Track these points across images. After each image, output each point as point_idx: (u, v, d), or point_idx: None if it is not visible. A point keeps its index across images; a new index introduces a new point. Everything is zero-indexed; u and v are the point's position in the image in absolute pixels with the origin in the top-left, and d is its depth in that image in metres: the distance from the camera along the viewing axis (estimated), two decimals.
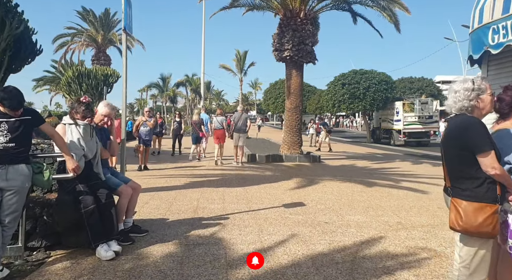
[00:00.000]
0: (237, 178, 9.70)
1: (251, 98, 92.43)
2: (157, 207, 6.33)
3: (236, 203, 6.69)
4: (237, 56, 27.83)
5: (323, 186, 8.66)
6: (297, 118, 14.04)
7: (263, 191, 7.95)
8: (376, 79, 28.61)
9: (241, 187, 8.32)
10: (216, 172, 10.82)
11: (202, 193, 7.61)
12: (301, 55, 13.64)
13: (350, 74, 29.40)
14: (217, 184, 8.75)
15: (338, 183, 9.20)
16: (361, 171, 11.68)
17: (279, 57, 13.99)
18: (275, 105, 48.09)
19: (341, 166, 12.92)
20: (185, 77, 60.39)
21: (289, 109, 14.09)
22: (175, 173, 10.44)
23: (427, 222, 5.65)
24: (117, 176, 4.61)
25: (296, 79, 13.88)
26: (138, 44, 31.59)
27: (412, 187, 8.80)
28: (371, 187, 8.69)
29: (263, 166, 12.28)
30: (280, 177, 9.95)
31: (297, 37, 13.59)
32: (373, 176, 10.65)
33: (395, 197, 7.59)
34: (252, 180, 9.42)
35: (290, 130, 14.03)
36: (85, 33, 28.89)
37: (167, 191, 7.71)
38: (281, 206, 6.53)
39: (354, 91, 28.44)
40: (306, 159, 13.61)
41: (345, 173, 11.01)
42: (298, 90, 13.95)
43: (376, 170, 12.20)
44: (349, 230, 5.15)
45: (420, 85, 39.06)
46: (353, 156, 17.11)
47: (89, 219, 3.87)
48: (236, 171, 10.96)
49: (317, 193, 7.81)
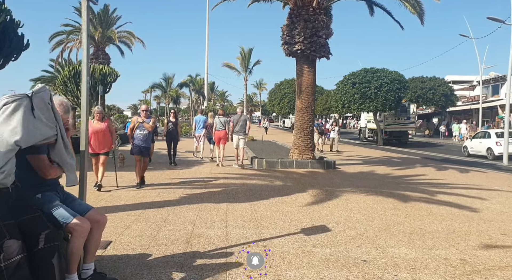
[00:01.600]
0: (242, 189, 8.26)
1: (256, 99, 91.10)
2: (140, 233, 4.90)
3: (242, 227, 5.25)
4: (242, 54, 26.43)
5: (346, 201, 7.20)
6: (309, 119, 12.58)
7: (274, 208, 6.50)
8: (388, 78, 27.10)
9: (247, 203, 6.87)
10: (218, 181, 9.39)
11: (200, 210, 6.18)
12: (313, 48, 12.19)
13: (360, 73, 27.90)
14: (219, 197, 7.32)
15: (363, 196, 7.74)
16: (384, 180, 10.20)
17: (289, 51, 12.55)
18: (281, 106, 46.63)
19: (359, 173, 11.45)
20: (189, 77, 59.13)
21: (300, 109, 12.63)
22: (171, 182, 9.02)
23: (502, 260, 4.18)
24: (71, 204, 3.18)
25: (308, 75, 12.43)
26: (138, 42, 30.26)
27: (453, 201, 7.33)
28: (405, 202, 7.22)
29: (272, 173, 10.84)
30: (293, 188, 8.50)
31: (309, 29, 12.15)
32: (400, 186, 9.18)
33: (438, 216, 6.12)
34: (260, 192, 7.98)
35: (301, 133, 12.57)
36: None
37: (158, 208, 6.28)
38: (299, 232, 5.09)
39: (365, 91, 26.94)
40: (319, 165, 12.15)
41: (367, 183, 9.54)
42: (310, 88, 12.50)
43: (400, 178, 10.72)
44: (401, 276, 3.69)
45: (432, 85, 37.50)
46: (369, 161, 15.64)
47: (12, 277, 2.45)
48: (241, 180, 9.52)
49: (341, 211, 6.35)
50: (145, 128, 8.29)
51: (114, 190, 7.82)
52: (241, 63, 26.63)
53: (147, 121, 8.41)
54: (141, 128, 8.29)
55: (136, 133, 8.32)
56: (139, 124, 8.34)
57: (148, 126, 8.35)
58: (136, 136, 8.31)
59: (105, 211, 5.97)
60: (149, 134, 8.41)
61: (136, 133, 8.33)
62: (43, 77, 36.26)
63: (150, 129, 8.41)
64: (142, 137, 8.28)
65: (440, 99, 37.18)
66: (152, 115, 9.57)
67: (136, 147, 8.35)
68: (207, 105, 44.59)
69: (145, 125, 8.30)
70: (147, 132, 8.32)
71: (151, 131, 8.59)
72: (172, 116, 12.85)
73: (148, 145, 8.48)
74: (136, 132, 8.33)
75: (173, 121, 12.58)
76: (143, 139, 8.31)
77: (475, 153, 19.95)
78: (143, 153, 8.39)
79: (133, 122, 8.62)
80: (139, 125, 8.33)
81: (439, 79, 38.46)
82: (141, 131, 8.28)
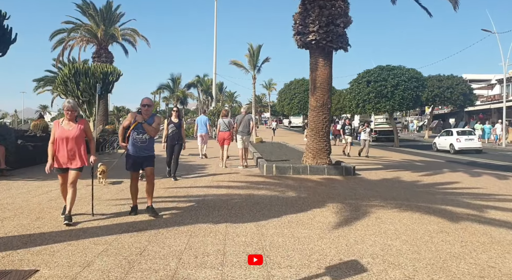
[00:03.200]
0: (248, 203, 6.83)
1: (265, 100, 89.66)
2: (103, 276, 3.51)
3: (243, 266, 3.82)
4: (250, 51, 25.01)
5: (377, 220, 5.73)
6: (325, 119, 11.10)
7: (287, 231, 5.07)
8: (405, 76, 25.52)
9: (253, 223, 5.45)
10: (220, 191, 7.98)
11: (191, 236, 4.78)
12: (330, 39, 10.73)
13: (376, 71, 26.34)
14: (218, 215, 5.90)
15: (396, 212, 6.26)
16: (414, 189, 8.70)
17: (302, 42, 11.10)
18: (290, 106, 45.24)
19: (383, 181, 9.95)
20: (196, 77, 58.09)
21: (314, 107, 11.17)
22: (163, 194, 7.62)
23: None
24: None
25: (324, 70, 10.96)
26: (143, 40, 29.00)
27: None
28: (451, 221, 5.73)
29: (283, 181, 9.40)
30: (309, 201, 7.05)
31: (325, 16, 10.69)
32: (436, 198, 7.68)
33: (506, 245, 4.63)
34: (269, 206, 6.55)
35: (315, 135, 11.10)
36: (82, 27, 26.33)
37: (138, 233, 4.89)
38: (324, 273, 3.65)
39: (380, 90, 25.39)
40: (336, 171, 10.68)
41: (396, 193, 8.05)
42: (326, 84, 11.02)
43: (432, 186, 9.21)
44: None
45: (449, 83, 35.65)
46: (390, 165, 14.12)
47: None
48: (247, 190, 8.10)
49: (374, 236, 4.90)
50: (146, 132, 5.73)
51: (88, 220, 5.39)
52: (249, 61, 25.20)
53: (149, 121, 5.75)
54: (140, 131, 5.73)
55: (133, 138, 5.75)
56: (138, 125, 5.73)
57: (151, 129, 5.71)
58: (132, 141, 5.75)
59: (67, 236, 4.60)
60: (151, 140, 5.87)
61: (132, 137, 5.76)
62: (46, 77, 35.42)
63: (153, 133, 5.80)
64: (140, 143, 5.74)
65: (458, 99, 35.32)
66: (158, 114, 6.36)
67: (131, 157, 5.76)
68: (215, 106, 43.35)
69: (146, 127, 5.67)
70: (148, 137, 5.78)
71: (155, 136, 5.93)
72: (174, 116, 9.71)
73: (150, 153, 5.85)
74: (133, 136, 5.75)
75: (176, 122, 9.60)
76: (143, 146, 5.75)
77: (442, 148, 23.37)
78: (143, 165, 5.82)
79: (129, 119, 5.85)
80: (137, 126, 5.73)
81: (457, 78, 36.58)
82: (140, 135, 5.74)
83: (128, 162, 5.83)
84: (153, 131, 5.76)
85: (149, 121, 5.74)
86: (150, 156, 5.85)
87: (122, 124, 6.13)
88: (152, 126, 5.74)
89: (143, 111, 5.77)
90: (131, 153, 5.76)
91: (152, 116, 5.82)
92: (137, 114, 5.77)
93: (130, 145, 5.77)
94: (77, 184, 5.45)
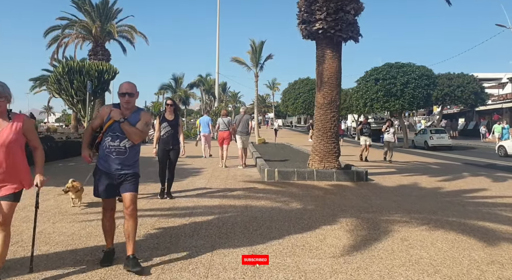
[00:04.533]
0: (243, 218, 5.66)
1: (269, 100, 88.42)
2: None
3: None
4: (252, 48, 23.86)
5: (404, 243, 4.53)
6: (333, 117, 9.91)
7: (290, 261, 3.89)
8: (415, 74, 24.25)
9: (246, 247, 4.28)
10: (212, 201, 6.82)
11: (162, 271, 3.62)
12: (339, 27, 9.54)
13: (384, 68, 25.09)
14: (204, 234, 4.74)
15: (425, 231, 5.06)
16: (439, 198, 7.50)
17: (307, 32, 9.92)
18: (295, 106, 44.03)
19: (400, 188, 8.75)
20: (199, 77, 57.02)
21: (321, 105, 9.98)
22: (144, 205, 6.46)
23: None
24: None
25: (332, 62, 9.78)
26: (141, 36, 27.86)
27: None
28: (500, 245, 4.52)
29: (286, 189, 8.23)
30: (317, 216, 5.87)
31: (333, 2, 9.51)
32: (468, 210, 6.48)
33: None
34: (268, 222, 5.38)
35: (323, 135, 9.91)
36: (77, 24, 25.27)
37: (83, 275, 3.72)
38: None
39: (389, 88, 24.15)
40: (346, 176, 9.48)
41: (419, 204, 6.85)
42: (335, 78, 9.83)
43: (458, 195, 8.00)
44: None
45: (460, 82, 34.22)
46: (403, 168, 12.92)
47: None
48: (244, 200, 6.93)
49: (405, 270, 3.71)
50: (126, 136, 3.62)
51: None
52: (252, 58, 24.05)
53: (133, 120, 3.67)
54: (117, 135, 3.63)
55: (106, 145, 3.64)
56: (114, 123, 3.62)
57: (134, 131, 3.60)
58: (104, 151, 3.64)
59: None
60: (133, 149, 3.71)
61: (105, 144, 3.65)
62: (43, 76, 34.39)
63: (137, 138, 3.65)
64: (116, 154, 3.62)
65: (469, 98, 33.91)
66: (144, 110, 4.06)
67: (102, 177, 3.67)
68: (217, 106, 42.26)
69: (127, 128, 3.58)
70: (129, 145, 3.66)
71: (139, 141, 3.74)
72: (169, 112, 7.02)
73: (131, 170, 3.69)
74: (106, 142, 3.64)
75: (171, 120, 6.97)
76: (120, 159, 3.63)
77: (418, 145, 25.60)
78: (121, 189, 3.66)
79: (101, 116, 3.75)
80: (112, 126, 3.63)
81: (467, 76, 35.11)
82: (116, 140, 3.62)
83: (97, 184, 3.69)
84: (137, 134, 3.59)
85: (132, 120, 3.63)
86: (132, 175, 3.66)
87: (92, 124, 3.81)
88: (136, 128, 3.60)
89: (122, 104, 3.66)
90: (102, 168, 3.64)
91: (136, 112, 3.71)
92: (113, 108, 3.68)
93: (100, 157, 3.67)
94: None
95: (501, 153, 19.99)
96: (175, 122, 7.10)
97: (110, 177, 3.63)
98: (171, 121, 7.03)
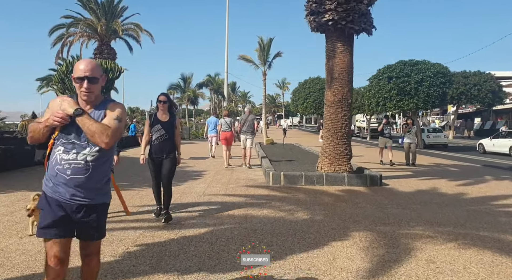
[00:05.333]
0: (240, 230, 4.93)
1: (279, 100, 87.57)
2: None
3: None
4: (260, 45, 23.12)
5: (430, 267, 3.75)
6: (344, 116, 9.13)
7: None
8: (430, 71, 23.20)
9: (239, 272, 3.55)
10: (207, 211, 6.10)
11: None
12: (350, 18, 8.76)
13: (397, 66, 24.08)
14: (192, 254, 4.02)
15: (453, 250, 4.28)
16: (463, 206, 6.68)
17: (316, 24, 9.16)
18: (305, 105, 43.07)
19: (419, 194, 7.93)
20: (207, 77, 56.47)
21: (331, 103, 9.20)
22: (127, 217, 5.78)
23: None
24: None
25: (343, 57, 9.00)
26: (146, 35, 27.29)
27: None
28: None
29: (292, 195, 7.48)
30: (326, 229, 5.11)
31: None
32: (499, 220, 5.67)
33: None
34: (269, 237, 4.64)
35: (333, 136, 9.14)
36: (82, 22, 24.82)
37: None
38: None
39: (403, 86, 23.14)
40: (359, 181, 8.69)
41: (442, 214, 6.03)
42: (346, 74, 9.05)
43: (484, 202, 7.16)
44: None
45: (476, 80, 32.99)
46: (420, 171, 12.04)
47: None
48: (244, 209, 6.20)
49: None
50: (86, 140, 2.35)
51: None
52: (259, 56, 23.31)
53: (98, 116, 2.42)
54: (72, 142, 2.36)
55: (55, 158, 2.35)
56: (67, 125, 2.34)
57: (99, 128, 2.29)
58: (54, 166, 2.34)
59: None
60: (100, 163, 2.43)
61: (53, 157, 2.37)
62: (50, 76, 34.09)
63: (104, 139, 2.28)
64: (70, 171, 2.32)
65: (486, 97, 32.67)
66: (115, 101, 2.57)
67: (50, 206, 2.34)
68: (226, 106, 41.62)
69: (85, 123, 2.28)
70: (94, 154, 2.38)
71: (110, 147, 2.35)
72: (161, 111, 5.53)
73: (99, 199, 2.45)
74: (56, 153, 2.35)
75: (165, 122, 5.47)
76: (77, 180, 2.34)
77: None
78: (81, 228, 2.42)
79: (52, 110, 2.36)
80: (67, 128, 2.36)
81: (484, 74, 33.83)
82: (72, 152, 2.35)
83: (42, 217, 2.37)
84: (104, 133, 2.28)
85: (97, 116, 2.42)
86: (99, 206, 2.47)
87: (31, 128, 2.40)
88: (103, 124, 2.34)
89: (80, 93, 2.41)
90: (50, 195, 2.36)
91: (103, 104, 2.49)
92: (67, 97, 2.39)
93: (48, 177, 2.40)
94: None
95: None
96: (170, 123, 5.48)
97: (62, 208, 2.34)
98: (165, 122, 5.46)
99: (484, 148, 21.84)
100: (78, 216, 2.38)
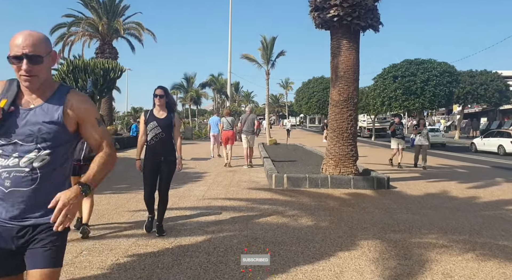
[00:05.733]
0: (239, 238, 4.60)
1: (282, 100, 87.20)
2: None
3: None
4: (263, 44, 22.81)
5: None
6: (350, 116, 8.78)
7: None
8: (436, 71, 22.85)
9: None
10: (205, 217, 5.78)
11: None
12: (356, 14, 8.41)
13: (403, 65, 23.75)
14: (185, 268, 3.70)
15: (472, 262, 3.93)
16: (477, 211, 6.31)
17: (321, 20, 8.81)
18: (308, 105, 42.72)
19: (429, 198, 7.56)
20: (210, 77, 56.15)
21: (336, 102, 8.86)
22: (124, 220, 5.46)
23: None
24: None
25: (349, 54, 8.66)
26: (149, 34, 27.05)
27: None
28: None
29: (296, 199, 7.14)
30: (331, 237, 4.77)
31: None
32: None
33: None
34: (271, 246, 4.30)
35: (338, 136, 8.80)
36: (84, 21, 24.59)
37: None
38: None
39: (409, 86, 22.80)
40: (366, 183, 8.34)
41: (455, 220, 5.67)
42: (352, 72, 8.71)
43: (498, 207, 6.80)
44: None
45: (483, 79, 32.49)
46: (428, 172, 11.65)
47: None
48: (246, 214, 5.87)
49: None
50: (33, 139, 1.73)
51: None
52: (262, 55, 23.00)
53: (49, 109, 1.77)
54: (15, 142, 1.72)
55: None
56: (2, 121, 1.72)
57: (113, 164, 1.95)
58: None
59: None
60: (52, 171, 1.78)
61: None
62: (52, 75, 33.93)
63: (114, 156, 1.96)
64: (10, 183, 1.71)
65: (493, 96, 32.16)
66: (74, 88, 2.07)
67: None
68: (229, 106, 41.33)
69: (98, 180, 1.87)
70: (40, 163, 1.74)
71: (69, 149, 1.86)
72: (158, 107, 4.85)
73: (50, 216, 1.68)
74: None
75: (162, 119, 4.78)
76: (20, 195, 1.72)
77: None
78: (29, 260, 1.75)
79: None
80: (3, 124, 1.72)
81: (491, 73, 33.33)
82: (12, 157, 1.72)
83: None
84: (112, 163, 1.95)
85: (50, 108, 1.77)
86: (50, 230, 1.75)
87: None
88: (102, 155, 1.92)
89: (20, 79, 1.75)
90: None
91: (59, 93, 1.82)
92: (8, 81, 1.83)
93: None
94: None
95: None
96: (168, 121, 4.77)
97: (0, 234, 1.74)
98: (161, 119, 4.75)
99: (475, 147, 22.17)
100: (23, 242, 1.75)
